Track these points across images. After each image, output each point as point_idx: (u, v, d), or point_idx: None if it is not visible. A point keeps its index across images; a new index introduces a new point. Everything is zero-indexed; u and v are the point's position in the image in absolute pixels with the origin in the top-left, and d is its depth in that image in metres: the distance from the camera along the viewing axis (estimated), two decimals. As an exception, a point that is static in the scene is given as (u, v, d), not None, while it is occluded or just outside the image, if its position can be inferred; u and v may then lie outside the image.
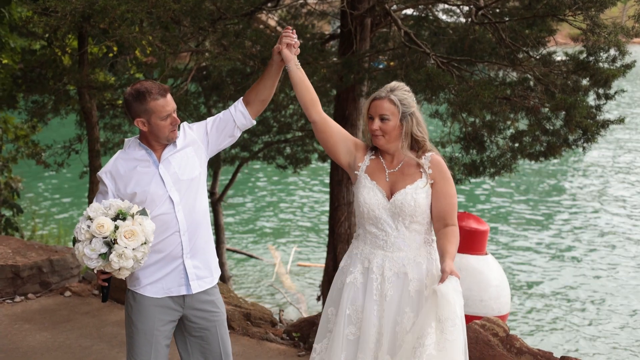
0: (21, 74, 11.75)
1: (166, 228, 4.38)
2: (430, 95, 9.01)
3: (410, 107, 4.34)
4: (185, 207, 4.41)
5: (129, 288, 4.56)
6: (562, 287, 15.41)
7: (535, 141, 9.27)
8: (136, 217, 4.13)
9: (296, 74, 4.51)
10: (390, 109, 4.32)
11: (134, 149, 4.48)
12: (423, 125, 4.39)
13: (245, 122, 4.62)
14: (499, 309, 8.07)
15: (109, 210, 4.15)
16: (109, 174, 4.44)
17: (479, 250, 8.22)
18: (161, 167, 4.41)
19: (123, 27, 7.61)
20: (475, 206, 21.16)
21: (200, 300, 4.54)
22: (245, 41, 8.78)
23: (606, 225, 19.60)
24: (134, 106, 4.34)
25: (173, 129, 4.40)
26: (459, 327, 4.16)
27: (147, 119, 4.34)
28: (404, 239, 4.39)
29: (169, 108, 4.34)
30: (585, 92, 8.84)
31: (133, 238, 4.07)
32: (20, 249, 8.34)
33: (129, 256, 4.06)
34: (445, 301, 4.12)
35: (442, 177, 4.36)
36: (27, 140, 13.60)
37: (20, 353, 6.61)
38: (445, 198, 4.35)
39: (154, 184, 4.37)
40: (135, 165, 4.42)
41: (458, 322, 4.13)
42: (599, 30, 7.86)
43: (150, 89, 4.31)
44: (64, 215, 20.17)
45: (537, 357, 5.96)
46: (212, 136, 4.60)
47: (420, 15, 11.12)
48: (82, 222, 4.14)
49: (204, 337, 4.59)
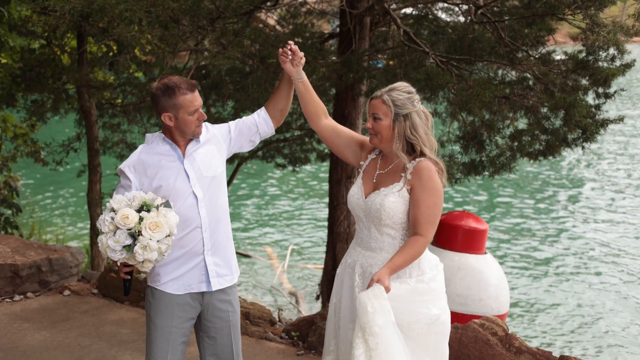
0: (20, 72, 11.75)
1: (188, 224, 4.38)
2: (430, 95, 9.00)
3: (404, 109, 4.28)
4: (207, 204, 4.43)
5: (149, 285, 4.55)
6: (562, 286, 15.40)
7: (535, 140, 9.27)
8: (160, 209, 4.10)
9: (298, 87, 4.56)
10: (382, 109, 4.30)
11: (157, 143, 4.48)
12: (420, 130, 4.29)
13: (267, 129, 4.70)
14: (498, 309, 8.06)
15: (133, 202, 4.13)
16: (132, 167, 4.43)
17: (478, 249, 8.21)
18: (186, 163, 4.42)
19: (122, 26, 7.61)
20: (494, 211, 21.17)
21: (218, 299, 4.55)
22: (244, 40, 8.77)
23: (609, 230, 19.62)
24: (162, 100, 4.35)
25: (199, 124, 4.41)
26: (381, 336, 4.05)
27: (174, 113, 4.35)
28: (376, 241, 4.39)
29: (196, 103, 4.36)
30: (585, 91, 8.84)
31: (158, 230, 4.04)
32: (20, 248, 8.34)
33: (153, 248, 4.03)
34: (362, 309, 4.06)
35: (421, 184, 4.25)
36: (26, 139, 13.60)
37: (19, 352, 6.60)
38: (419, 207, 4.24)
39: (179, 179, 4.38)
40: (159, 159, 4.42)
41: (377, 330, 4.03)
42: (598, 29, 7.86)
43: (179, 84, 4.32)
44: (63, 214, 20.16)
45: (536, 356, 5.96)
46: (234, 136, 4.64)
47: (420, 14, 11.12)
48: (105, 214, 4.12)
49: (217, 337, 4.60)
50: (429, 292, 4.28)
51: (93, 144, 11.89)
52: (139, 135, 12.10)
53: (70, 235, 17.94)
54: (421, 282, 4.28)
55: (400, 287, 4.22)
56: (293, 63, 4.50)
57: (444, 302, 4.36)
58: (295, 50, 4.48)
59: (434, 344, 4.30)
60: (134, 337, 6.99)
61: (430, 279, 4.32)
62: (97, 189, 11.95)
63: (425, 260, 4.37)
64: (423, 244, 4.25)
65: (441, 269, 4.44)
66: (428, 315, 4.22)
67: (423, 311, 4.21)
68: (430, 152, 4.33)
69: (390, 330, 4.07)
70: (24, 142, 13.60)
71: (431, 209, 4.24)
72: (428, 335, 4.25)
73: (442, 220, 8.33)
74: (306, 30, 11.28)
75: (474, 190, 22.35)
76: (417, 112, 4.30)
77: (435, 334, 4.27)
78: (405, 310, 4.18)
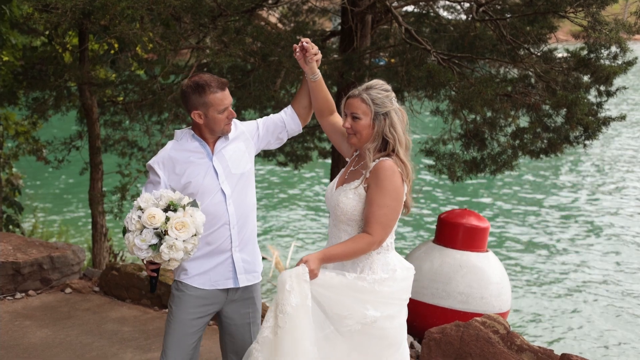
0: (22, 70, 11.76)
1: (216, 221, 4.39)
2: (431, 92, 9.01)
3: (383, 107, 4.21)
4: (235, 201, 4.44)
5: (175, 279, 4.55)
6: (565, 284, 15.40)
7: (536, 138, 9.27)
8: (187, 208, 4.10)
9: (310, 84, 4.57)
10: (362, 108, 4.23)
11: (187, 140, 4.49)
12: (399, 128, 4.22)
13: (294, 126, 4.72)
14: (499, 306, 8.06)
15: (160, 201, 4.12)
16: (162, 164, 4.43)
17: (479, 247, 8.21)
18: (215, 160, 4.43)
19: (123, 23, 7.61)
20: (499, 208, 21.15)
21: (242, 297, 4.58)
22: (245, 38, 8.77)
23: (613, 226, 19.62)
24: (192, 98, 4.36)
25: (228, 122, 4.42)
26: (291, 317, 4.01)
27: (204, 111, 4.36)
28: (334, 236, 4.34)
29: (226, 102, 4.37)
30: (587, 89, 8.83)
31: (184, 230, 4.03)
32: (21, 246, 8.35)
33: (179, 248, 4.03)
34: (281, 285, 4.04)
35: (375, 183, 4.16)
36: (27, 137, 13.61)
37: (21, 349, 6.61)
38: (371, 205, 4.15)
39: (207, 176, 4.39)
40: (188, 156, 4.43)
41: (289, 309, 3.99)
42: (600, 27, 7.86)
43: (209, 82, 4.34)
44: (64, 212, 20.17)
45: (537, 354, 5.96)
46: (262, 133, 4.65)
47: (421, 12, 11.13)
48: (133, 212, 4.11)
49: (237, 334, 4.62)
50: (370, 292, 4.16)
51: (95, 141, 11.89)
52: (141, 133, 12.10)
53: (72, 233, 17.95)
54: (363, 280, 4.17)
55: (335, 277, 4.15)
56: (305, 60, 4.48)
57: (392, 310, 4.23)
58: (307, 48, 4.45)
59: (373, 351, 4.20)
60: (136, 335, 7.00)
61: (377, 281, 4.19)
62: (99, 187, 11.96)
63: (380, 262, 4.26)
64: (368, 242, 4.15)
65: (403, 277, 4.29)
66: (363, 315, 4.13)
67: (357, 309, 4.12)
68: (404, 151, 4.25)
69: (302, 313, 4.03)
70: (25, 140, 13.61)
71: (382, 209, 4.14)
72: (362, 335, 4.15)
73: (444, 218, 8.36)
74: (308, 28, 11.28)
75: (478, 188, 22.35)
76: (395, 110, 4.24)
77: (371, 336, 4.17)
78: (336, 301, 4.12)
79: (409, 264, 4.41)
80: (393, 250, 4.35)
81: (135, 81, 11.03)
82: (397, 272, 4.26)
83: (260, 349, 4.12)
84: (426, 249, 8.39)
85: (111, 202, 10.77)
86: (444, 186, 22.42)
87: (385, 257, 4.28)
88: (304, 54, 4.47)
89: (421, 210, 20.51)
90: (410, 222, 19.36)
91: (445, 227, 8.31)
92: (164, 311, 7.63)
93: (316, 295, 4.11)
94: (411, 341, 7.30)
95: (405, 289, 4.31)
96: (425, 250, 8.39)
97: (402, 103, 10.86)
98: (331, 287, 4.13)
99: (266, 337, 4.10)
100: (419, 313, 8.10)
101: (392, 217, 4.20)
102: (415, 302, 8.13)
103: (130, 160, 12.02)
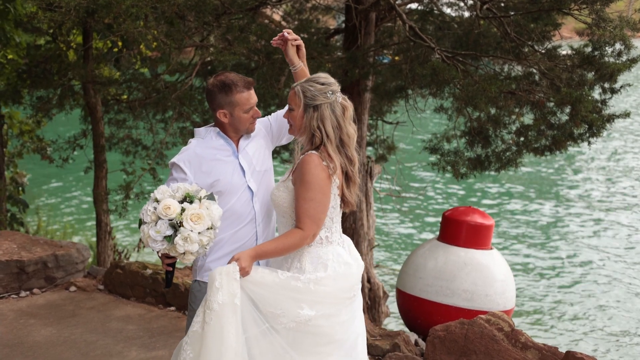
0: (26, 69, 11.77)
1: (243, 218, 4.40)
2: (436, 90, 8.99)
3: (314, 100, 4.18)
4: (261, 198, 4.46)
5: (197, 279, 4.53)
6: (568, 282, 15.39)
7: (541, 135, 9.25)
8: (203, 200, 4.09)
9: (293, 76, 4.65)
10: (294, 100, 4.24)
11: (211, 137, 4.48)
12: (327, 123, 4.19)
13: None
14: (504, 304, 8.06)
15: (177, 193, 4.11)
16: (188, 162, 4.40)
17: (484, 244, 8.21)
18: (240, 157, 4.43)
19: (128, 22, 7.61)
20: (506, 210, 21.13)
21: None
22: (249, 36, 8.78)
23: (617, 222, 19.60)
24: (218, 97, 4.36)
25: (253, 121, 4.44)
26: (218, 314, 4.02)
27: (230, 111, 4.37)
28: (279, 230, 4.38)
29: (252, 101, 4.38)
30: (591, 86, 8.81)
31: (199, 222, 4.02)
32: (26, 244, 8.35)
33: (194, 240, 4.01)
34: (210, 282, 4.06)
35: (298, 178, 4.17)
36: (32, 136, 13.62)
37: (26, 348, 6.62)
38: (297, 200, 4.16)
39: (235, 174, 4.39)
40: (215, 153, 4.42)
41: (215, 306, 4.00)
42: (604, 24, 7.85)
43: (236, 82, 4.34)
44: (68, 211, 20.19)
45: (542, 352, 5.95)
46: (275, 129, 4.68)
47: (425, 10, 11.11)
48: (149, 204, 4.11)
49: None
50: (306, 292, 4.14)
51: (99, 140, 11.90)
52: (145, 131, 12.10)
53: (76, 232, 17.97)
54: (296, 280, 4.15)
55: (268, 275, 4.15)
56: (285, 48, 4.58)
57: (330, 309, 4.20)
58: (287, 37, 4.55)
59: (309, 348, 4.18)
60: (140, 333, 7.00)
61: (312, 280, 4.17)
62: (103, 185, 11.97)
63: (310, 255, 4.26)
64: (300, 237, 4.16)
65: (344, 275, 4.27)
66: (296, 313, 4.11)
67: (290, 308, 4.11)
68: (333, 146, 4.20)
69: (228, 311, 4.03)
70: (29, 138, 13.62)
71: (308, 202, 4.14)
72: (297, 332, 4.14)
73: (448, 216, 8.35)
74: (311, 26, 11.28)
75: (482, 185, 22.34)
76: (331, 104, 4.20)
77: (307, 334, 4.15)
78: (268, 299, 4.11)
79: (353, 259, 4.37)
80: (333, 244, 4.31)
81: (139, 79, 11.04)
82: (330, 268, 4.24)
83: (189, 342, 4.14)
84: (430, 247, 8.39)
85: (115, 200, 10.78)
86: (448, 183, 22.41)
87: (317, 250, 4.26)
88: (284, 43, 4.56)
89: (425, 207, 20.51)
90: (415, 220, 19.37)
91: (450, 224, 8.31)
92: (169, 309, 7.64)
93: (249, 293, 4.11)
94: (415, 338, 7.30)
95: (345, 289, 4.27)
96: (430, 248, 8.39)
97: (407, 101, 10.86)
98: (264, 285, 4.13)
99: (195, 332, 4.12)
100: (423, 310, 8.11)
101: (320, 209, 4.18)
102: (419, 299, 8.14)
103: (134, 159, 12.03)
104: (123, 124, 12.25)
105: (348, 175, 4.27)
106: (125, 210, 10.49)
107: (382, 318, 11.55)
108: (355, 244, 11.20)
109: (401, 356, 6.41)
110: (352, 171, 4.27)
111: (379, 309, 11.42)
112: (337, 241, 4.33)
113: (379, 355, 6.63)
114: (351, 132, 4.25)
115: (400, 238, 18.24)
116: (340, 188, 4.26)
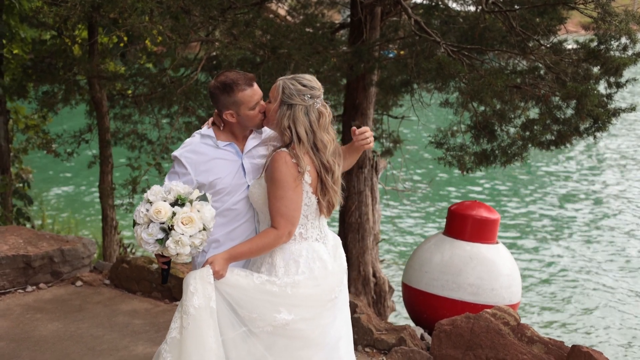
0: (31, 64, 11.79)
1: (243, 215, 4.40)
2: (441, 84, 8.98)
3: (290, 99, 4.16)
4: None
5: None
6: (576, 277, 15.38)
7: (546, 130, 9.23)
8: (195, 203, 4.09)
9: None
10: (273, 91, 4.24)
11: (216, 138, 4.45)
12: (299, 125, 4.16)
13: None
14: (510, 298, 8.06)
15: (169, 194, 4.12)
16: (190, 158, 4.39)
17: (489, 239, 8.21)
18: (244, 158, 4.41)
19: (133, 16, 7.62)
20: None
21: None
22: (255, 30, 8.77)
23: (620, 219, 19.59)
24: (222, 99, 4.33)
25: (262, 116, 4.38)
26: (195, 318, 4.04)
27: (236, 110, 4.33)
28: (260, 227, 4.39)
29: (256, 97, 4.34)
30: (596, 81, 8.80)
31: (190, 225, 4.03)
32: (32, 239, 8.37)
33: (185, 243, 4.03)
34: (185, 287, 4.08)
35: (268, 177, 4.16)
36: (37, 130, 13.64)
37: (32, 342, 6.63)
38: (269, 198, 4.16)
39: (237, 174, 4.38)
40: (217, 152, 4.40)
41: (192, 311, 4.02)
42: (610, 19, 7.83)
43: (236, 80, 4.30)
44: (74, 205, 20.21)
45: (548, 346, 5.96)
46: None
47: (431, 4, 11.09)
48: (142, 205, 4.12)
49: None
50: (282, 296, 4.13)
51: (104, 135, 11.92)
52: (150, 126, 12.11)
53: (82, 226, 17.99)
54: (272, 284, 4.14)
55: (243, 279, 4.15)
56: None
57: (309, 313, 4.19)
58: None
59: (288, 352, 4.17)
60: (146, 328, 7.01)
61: (289, 284, 4.16)
62: (109, 180, 11.99)
63: (281, 255, 4.24)
64: (275, 236, 4.15)
65: (314, 273, 4.23)
66: (272, 317, 4.11)
67: (266, 311, 4.11)
68: (304, 149, 4.16)
69: (204, 314, 4.04)
70: (35, 133, 13.64)
71: (279, 200, 4.13)
72: (274, 336, 4.13)
73: (454, 210, 8.35)
74: (317, 21, 11.27)
75: (489, 180, 22.33)
76: (307, 107, 4.18)
77: (284, 337, 4.15)
78: (244, 302, 4.11)
79: (332, 257, 4.35)
80: (308, 240, 4.29)
81: (144, 74, 11.04)
82: (302, 266, 4.22)
83: (168, 349, 4.14)
84: (436, 241, 8.39)
85: (121, 195, 10.80)
86: (455, 178, 22.40)
87: (289, 247, 4.24)
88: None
89: (431, 200, 20.51)
90: (421, 214, 19.36)
91: (455, 218, 8.31)
92: (175, 304, 7.65)
93: (225, 296, 4.12)
94: (421, 333, 7.31)
95: (327, 291, 4.25)
96: (436, 242, 8.39)
97: (412, 95, 10.85)
98: (239, 288, 4.13)
99: (174, 338, 4.13)
100: (429, 305, 8.11)
101: (293, 207, 4.15)
102: (425, 294, 8.14)
103: (140, 154, 12.04)
104: (128, 118, 12.26)
105: (322, 181, 4.22)
106: (131, 205, 10.51)
107: (388, 312, 11.56)
108: (360, 238, 11.23)
109: (407, 350, 6.41)
110: (326, 178, 4.22)
111: (384, 303, 11.43)
112: (313, 237, 4.29)
113: (385, 349, 6.63)
114: (326, 140, 4.21)
115: (406, 232, 18.24)
116: (314, 188, 4.22)
